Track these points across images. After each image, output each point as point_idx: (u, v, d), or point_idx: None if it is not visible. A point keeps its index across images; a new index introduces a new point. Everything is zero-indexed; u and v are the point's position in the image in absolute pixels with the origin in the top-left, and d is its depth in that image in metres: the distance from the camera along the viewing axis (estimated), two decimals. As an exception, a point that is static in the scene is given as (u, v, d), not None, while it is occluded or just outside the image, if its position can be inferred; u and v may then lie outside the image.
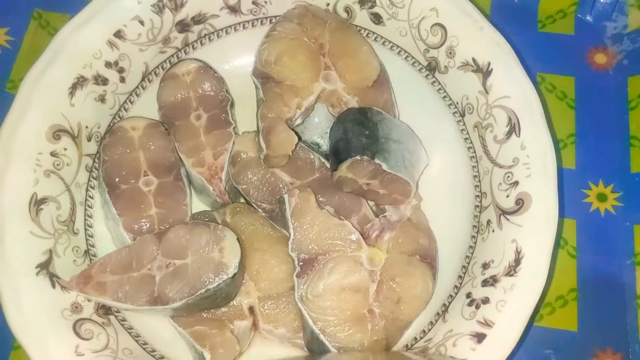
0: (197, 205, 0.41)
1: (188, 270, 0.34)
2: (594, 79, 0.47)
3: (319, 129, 0.41)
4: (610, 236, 0.42)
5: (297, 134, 0.38)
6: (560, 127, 0.46)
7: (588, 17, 0.49)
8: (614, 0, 0.48)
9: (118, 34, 0.40)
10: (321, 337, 0.33)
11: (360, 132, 0.36)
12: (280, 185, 0.38)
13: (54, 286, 0.34)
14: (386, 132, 0.37)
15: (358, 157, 0.35)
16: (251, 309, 0.36)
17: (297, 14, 0.40)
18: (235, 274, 0.33)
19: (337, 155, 0.37)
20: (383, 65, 0.41)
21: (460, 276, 0.37)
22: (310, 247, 0.34)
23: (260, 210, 0.38)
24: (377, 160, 0.35)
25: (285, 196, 0.36)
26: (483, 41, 0.38)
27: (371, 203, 0.39)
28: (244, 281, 0.36)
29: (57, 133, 0.38)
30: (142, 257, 0.35)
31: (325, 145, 0.41)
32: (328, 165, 0.39)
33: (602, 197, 0.44)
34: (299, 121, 0.39)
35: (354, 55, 0.39)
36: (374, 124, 0.37)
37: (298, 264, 0.34)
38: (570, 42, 0.49)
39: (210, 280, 0.33)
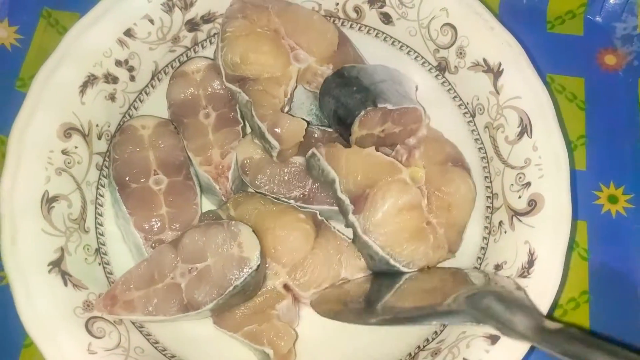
0: (205, 204, 0.41)
1: (211, 271, 0.34)
2: (604, 80, 0.47)
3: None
4: (621, 238, 0.42)
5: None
6: (571, 128, 0.46)
7: (597, 18, 0.49)
8: (623, 1, 0.48)
9: (128, 33, 0.40)
10: (391, 261, 0.35)
11: (350, 92, 0.37)
12: (297, 167, 0.39)
13: (66, 284, 0.34)
14: (370, 79, 0.38)
15: (363, 112, 0.36)
16: (286, 287, 0.36)
17: (238, 9, 0.40)
18: (259, 266, 0.34)
19: (342, 123, 0.38)
20: (336, 25, 0.42)
21: (471, 277, 0.37)
22: (357, 182, 0.36)
23: (291, 201, 0.38)
24: (380, 105, 0.36)
25: (313, 149, 0.37)
26: (494, 41, 0.38)
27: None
28: (267, 265, 0.36)
29: (68, 131, 0.37)
30: (163, 268, 0.35)
31: (315, 121, 0.42)
32: (329, 130, 0.40)
33: (613, 199, 0.44)
34: (287, 108, 0.39)
35: (310, 27, 0.40)
36: (355, 78, 0.38)
37: (350, 202, 0.35)
38: (580, 43, 0.49)
39: (236, 276, 0.33)
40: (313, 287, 0.36)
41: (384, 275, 0.36)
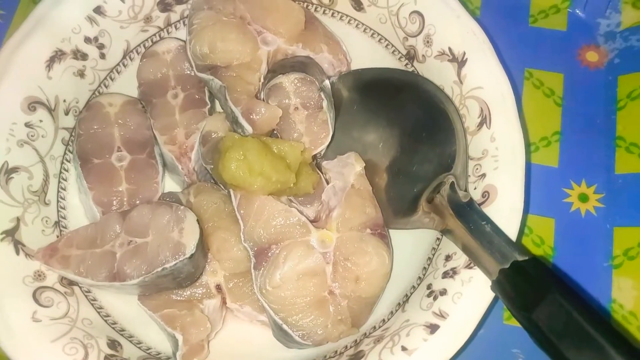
0: (170, 185, 0.41)
1: (147, 248, 0.34)
2: (584, 76, 0.46)
3: None
4: (589, 238, 0.41)
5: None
6: (546, 124, 0.45)
7: (581, 14, 0.48)
8: (608, -3, 0.47)
9: (98, 10, 0.40)
10: (284, 326, 0.33)
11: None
12: None
13: (17, 253, 0.35)
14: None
15: (309, 77, 0.36)
16: (218, 287, 0.36)
17: (203, 0, 0.40)
18: (192, 255, 0.33)
19: (284, 68, 0.38)
20: (302, 5, 0.42)
21: (424, 268, 0.36)
22: (260, 236, 0.34)
23: (226, 191, 0.38)
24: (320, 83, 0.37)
25: (231, 190, 0.36)
26: (459, 30, 0.37)
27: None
28: (209, 260, 0.36)
29: (33, 104, 0.38)
30: (106, 234, 0.35)
31: None
32: None
33: (583, 198, 0.43)
34: (262, 95, 0.39)
35: (275, 9, 0.40)
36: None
37: (253, 255, 0.34)
38: (562, 38, 0.47)
39: (168, 259, 0.33)
40: (239, 302, 0.36)
41: None
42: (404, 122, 0.38)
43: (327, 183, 0.38)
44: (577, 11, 0.48)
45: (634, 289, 0.39)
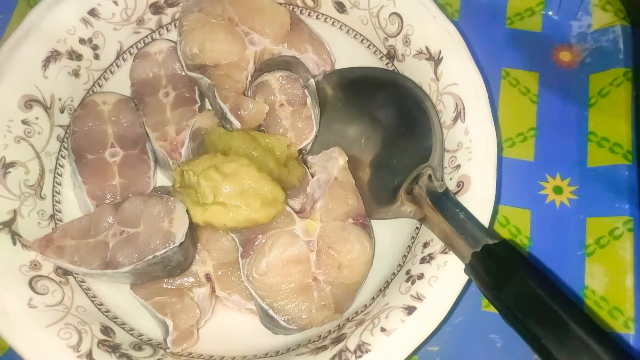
0: (161, 179, 0.43)
1: (139, 238, 0.36)
2: (558, 75, 0.48)
3: None
4: (563, 228, 0.43)
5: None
6: (522, 120, 0.47)
7: (555, 16, 0.50)
8: (579, 0, 0.49)
9: (92, 12, 0.42)
10: (270, 312, 0.35)
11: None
12: None
13: (14, 243, 0.36)
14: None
15: (293, 75, 0.37)
16: (208, 276, 0.38)
17: (193, 3, 0.42)
18: (182, 243, 0.35)
19: (270, 66, 0.40)
20: (288, 8, 0.44)
21: (404, 255, 0.38)
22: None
23: None
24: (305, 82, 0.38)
25: None
26: (435, 30, 0.39)
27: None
28: (198, 250, 0.38)
29: (29, 102, 0.40)
30: (100, 225, 0.37)
31: None
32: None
33: (558, 190, 0.45)
34: (249, 92, 0.41)
35: (262, 11, 0.42)
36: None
37: (240, 244, 0.36)
38: (537, 39, 0.50)
39: (158, 247, 0.35)
40: (228, 290, 0.37)
41: None
42: (385, 118, 0.40)
43: (312, 177, 0.39)
44: (551, 13, 0.50)
45: (605, 275, 0.41)
